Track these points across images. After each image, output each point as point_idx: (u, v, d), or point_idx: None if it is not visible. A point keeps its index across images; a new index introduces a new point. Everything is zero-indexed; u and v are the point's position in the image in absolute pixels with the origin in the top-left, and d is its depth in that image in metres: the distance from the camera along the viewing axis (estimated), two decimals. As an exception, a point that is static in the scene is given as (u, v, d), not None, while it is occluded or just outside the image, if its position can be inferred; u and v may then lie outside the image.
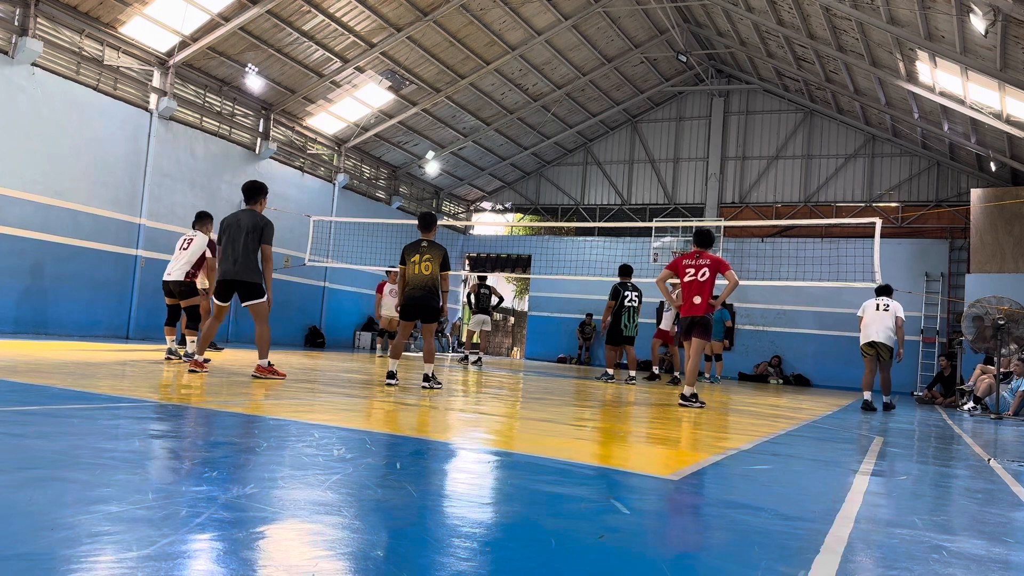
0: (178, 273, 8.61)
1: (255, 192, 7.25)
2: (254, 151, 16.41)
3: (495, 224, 25.18)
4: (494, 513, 2.47)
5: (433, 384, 7.33)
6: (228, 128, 15.77)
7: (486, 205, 25.14)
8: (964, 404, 12.50)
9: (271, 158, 16.76)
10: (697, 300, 7.79)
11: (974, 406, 11.70)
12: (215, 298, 7.21)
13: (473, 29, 16.72)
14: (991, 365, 11.88)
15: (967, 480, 4.32)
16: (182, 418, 4.18)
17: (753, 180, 21.49)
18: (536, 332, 23.45)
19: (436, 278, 7.43)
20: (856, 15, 13.12)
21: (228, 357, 9.88)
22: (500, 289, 17.33)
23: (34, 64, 11.91)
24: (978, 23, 10.54)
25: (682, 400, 7.67)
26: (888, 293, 10.62)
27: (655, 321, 14.65)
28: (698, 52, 20.19)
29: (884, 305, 10.47)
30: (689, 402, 7.61)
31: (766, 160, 21.38)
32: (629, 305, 12.14)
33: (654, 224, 18.44)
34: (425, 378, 7.37)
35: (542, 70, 19.02)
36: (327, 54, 15.76)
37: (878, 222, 11.21)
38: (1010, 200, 16.30)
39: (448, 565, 1.82)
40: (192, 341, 8.43)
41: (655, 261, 19.74)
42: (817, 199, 20.77)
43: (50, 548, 1.69)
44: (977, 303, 12.39)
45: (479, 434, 4.56)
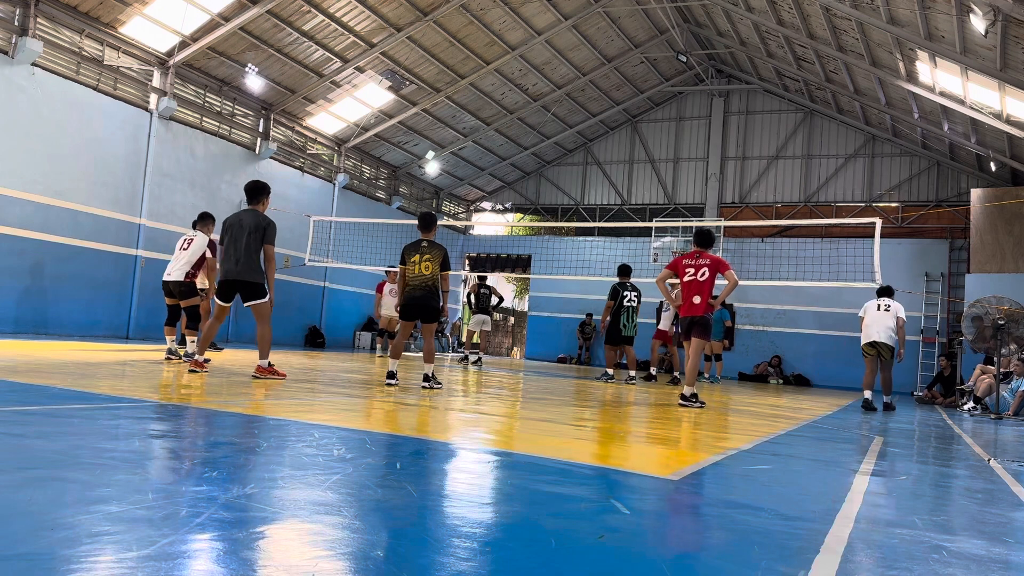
0: (178, 273, 8.61)
1: (258, 192, 7.24)
2: (254, 151, 16.41)
3: (495, 224, 25.17)
4: (494, 513, 2.47)
5: (433, 384, 7.33)
6: (228, 128, 15.77)
7: (486, 205, 25.14)
8: (964, 404, 12.50)
9: (271, 158, 16.76)
10: (696, 300, 7.80)
11: (974, 406, 11.70)
12: (217, 298, 7.21)
13: (473, 29, 16.72)
14: (991, 365, 11.88)
15: (967, 480, 4.32)
16: (182, 418, 4.18)
17: (753, 180, 21.49)
18: (536, 332, 23.45)
19: (436, 278, 7.43)
20: (856, 15, 13.12)
21: (228, 357, 9.88)
22: (500, 289, 17.34)
23: (34, 64, 11.91)
24: (978, 23, 10.54)
25: (682, 400, 7.68)
26: (889, 294, 10.70)
27: (655, 321, 14.63)
28: (698, 52, 20.19)
29: (885, 306, 10.53)
30: (689, 402, 7.62)
31: (766, 160, 21.37)
32: (628, 305, 12.15)
33: (654, 224, 18.43)
34: (425, 378, 7.37)
35: (542, 70, 19.02)
36: (327, 54, 15.76)
37: (878, 222, 11.21)
38: (1010, 200, 16.30)
39: (448, 565, 1.82)
40: (192, 341, 8.44)
41: (655, 261, 19.74)
42: (817, 199, 20.76)
43: (50, 548, 1.69)
44: (977, 303, 12.40)
45: (479, 434, 4.56)
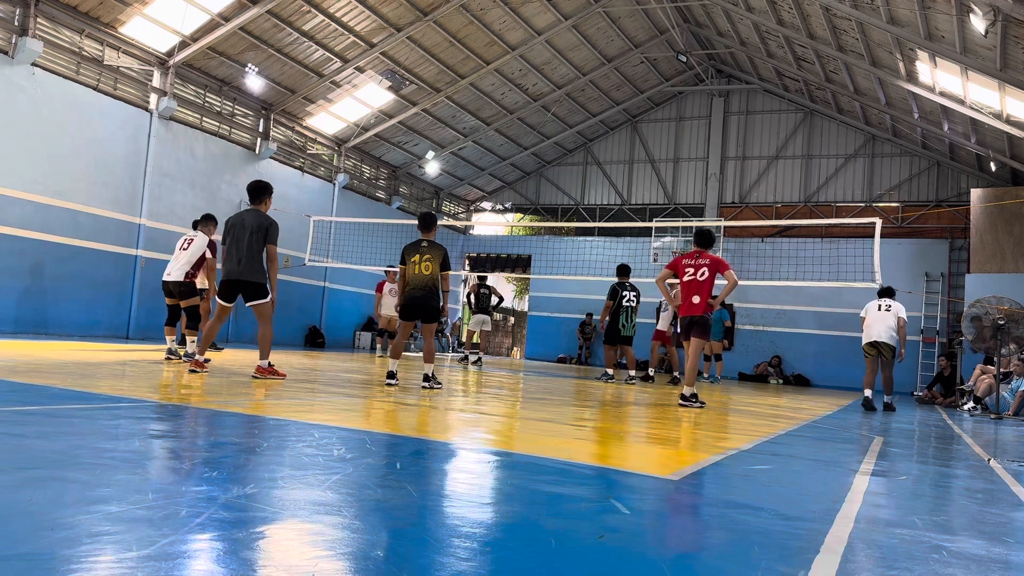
0: (178, 273, 8.61)
1: (260, 192, 7.23)
2: (254, 151, 16.41)
3: (495, 224, 25.16)
4: (494, 513, 2.47)
5: (433, 384, 7.33)
6: (228, 128, 15.77)
7: (486, 205, 25.14)
8: (964, 404, 12.50)
9: (271, 158, 16.76)
10: (696, 300, 7.81)
11: (974, 406, 11.70)
12: (219, 298, 7.20)
13: (473, 29, 16.72)
14: (991, 365, 11.89)
15: (967, 480, 4.32)
16: (182, 418, 4.18)
17: (753, 180, 21.48)
18: (536, 332, 23.45)
19: (436, 278, 7.43)
20: (856, 15, 13.12)
21: (228, 357, 9.88)
22: (500, 289, 17.33)
23: (34, 64, 11.91)
24: (978, 23, 10.54)
25: (682, 400, 7.68)
26: (891, 295, 10.76)
27: (655, 321, 14.63)
28: (698, 52, 20.18)
29: (886, 306, 10.59)
30: (689, 402, 7.62)
31: (766, 160, 21.37)
32: (627, 305, 12.16)
33: (654, 224, 18.43)
34: (425, 378, 7.37)
35: (542, 70, 19.02)
36: (327, 54, 15.75)
37: (878, 222, 11.21)
38: (1010, 200, 16.30)
39: (448, 565, 1.82)
40: (192, 341, 8.44)
41: (655, 261, 19.75)
42: (817, 199, 20.76)
43: (50, 548, 1.69)
44: (977, 303, 12.41)
45: (479, 434, 4.56)
